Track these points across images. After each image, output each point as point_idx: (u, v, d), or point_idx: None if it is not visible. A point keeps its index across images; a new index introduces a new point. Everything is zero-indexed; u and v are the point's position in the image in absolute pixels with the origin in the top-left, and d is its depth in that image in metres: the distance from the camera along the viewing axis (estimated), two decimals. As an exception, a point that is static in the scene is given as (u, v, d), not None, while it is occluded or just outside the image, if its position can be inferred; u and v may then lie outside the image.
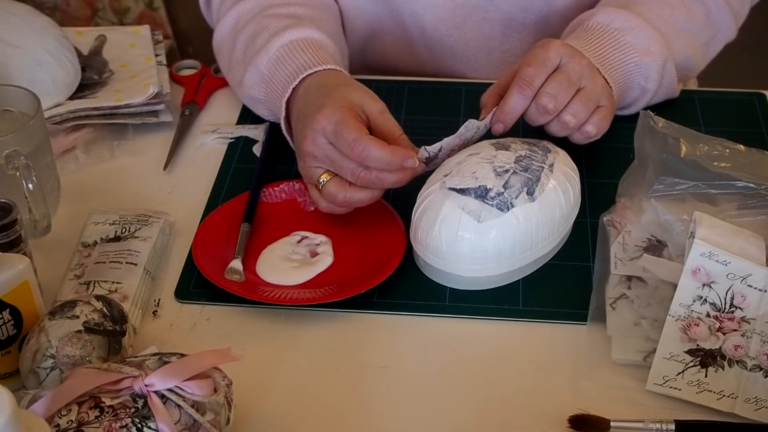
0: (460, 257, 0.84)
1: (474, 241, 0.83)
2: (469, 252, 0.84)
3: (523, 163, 0.85)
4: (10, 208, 0.80)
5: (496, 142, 0.89)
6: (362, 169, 0.85)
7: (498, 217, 0.83)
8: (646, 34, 0.98)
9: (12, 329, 0.77)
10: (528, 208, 0.83)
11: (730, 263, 0.74)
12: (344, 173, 0.86)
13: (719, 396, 0.76)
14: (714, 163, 0.85)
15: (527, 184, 0.84)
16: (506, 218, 0.83)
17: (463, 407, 0.78)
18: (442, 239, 0.84)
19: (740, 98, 1.10)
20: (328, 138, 0.86)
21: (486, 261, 0.84)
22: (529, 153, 0.87)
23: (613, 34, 0.97)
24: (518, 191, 0.83)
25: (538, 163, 0.86)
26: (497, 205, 0.83)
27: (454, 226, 0.83)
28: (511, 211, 0.83)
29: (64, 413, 0.67)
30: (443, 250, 0.84)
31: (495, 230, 0.83)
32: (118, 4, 1.77)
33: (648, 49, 0.98)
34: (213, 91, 1.15)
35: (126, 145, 1.06)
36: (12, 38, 1.05)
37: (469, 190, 0.83)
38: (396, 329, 0.85)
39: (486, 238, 0.83)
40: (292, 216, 0.96)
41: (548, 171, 0.86)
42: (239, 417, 0.75)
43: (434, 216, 0.84)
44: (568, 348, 0.82)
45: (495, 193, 0.83)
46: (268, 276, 0.89)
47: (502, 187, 0.83)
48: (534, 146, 0.88)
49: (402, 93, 1.10)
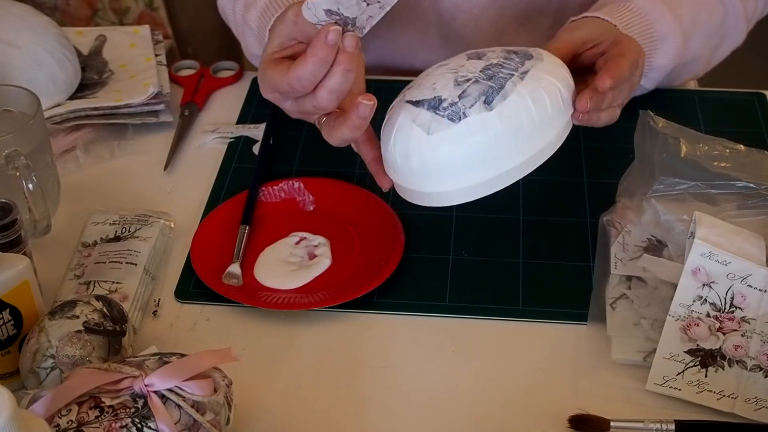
0: (414, 171, 0.81)
1: (425, 155, 0.79)
2: (421, 165, 0.80)
3: (490, 71, 0.80)
4: (10, 208, 0.80)
5: (474, 51, 0.84)
6: (313, 95, 0.81)
7: (449, 127, 0.77)
8: (672, 40, 0.98)
9: (12, 329, 0.77)
10: (484, 118, 0.77)
11: (730, 263, 0.74)
12: (310, 110, 0.84)
13: (719, 396, 0.76)
14: (714, 163, 0.85)
15: (486, 92, 0.78)
16: (457, 129, 0.77)
17: (462, 407, 0.78)
18: (396, 153, 0.81)
19: (740, 98, 1.10)
20: (280, 98, 0.85)
21: (441, 175, 0.80)
22: (502, 61, 0.81)
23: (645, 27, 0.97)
24: (474, 100, 0.78)
25: (508, 71, 0.80)
26: (448, 116, 0.78)
27: (405, 140, 0.80)
28: (463, 121, 0.77)
29: (64, 413, 0.67)
30: (398, 165, 0.81)
31: (446, 142, 0.78)
32: (118, 4, 1.77)
33: (666, 52, 0.99)
34: (212, 91, 1.15)
35: (126, 145, 1.06)
36: (12, 38, 1.05)
37: (424, 101, 0.79)
38: (396, 329, 0.85)
39: (437, 150, 0.78)
40: (291, 216, 0.96)
41: (518, 78, 0.79)
42: (239, 417, 0.75)
43: (390, 130, 0.81)
44: (568, 348, 0.82)
45: (448, 104, 0.78)
46: (266, 280, 0.89)
47: (457, 97, 0.78)
48: (513, 54, 0.82)
49: (402, 93, 1.10)
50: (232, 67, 1.18)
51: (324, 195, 0.97)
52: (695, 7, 1.01)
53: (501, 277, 0.89)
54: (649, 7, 0.98)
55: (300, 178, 0.98)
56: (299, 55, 0.83)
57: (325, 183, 0.98)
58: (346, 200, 0.96)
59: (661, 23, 0.98)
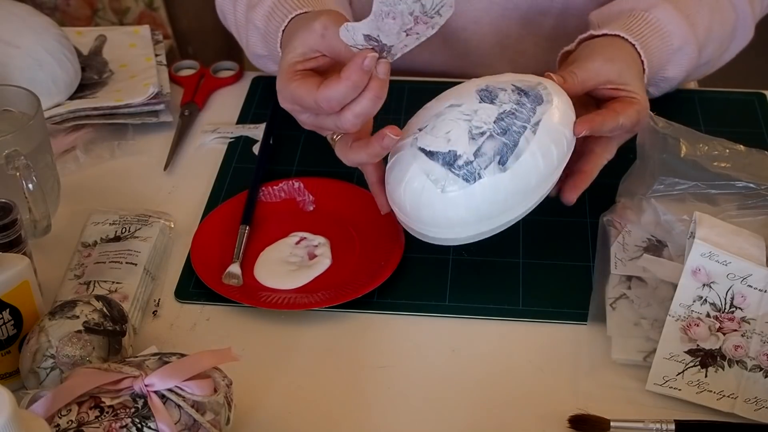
0: (423, 220, 0.82)
1: (437, 209, 0.80)
2: (432, 218, 0.81)
3: (504, 123, 0.80)
4: (10, 208, 0.80)
5: (485, 87, 0.83)
6: (337, 116, 0.81)
7: (463, 188, 0.79)
8: (689, 48, 0.98)
9: (12, 329, 0.77)
10: (497, 180, 0.79)
11: (730, 263, 0.74)
12: (329, 128, 0.84)
13: (719, 396, 0.76)
14: (714, 163, 0.85)
15: (501, 151, 0.79)
16: (472, 190, 0.79)
17: (462, 407, 0.78)
18: (406, 200, 0.81)
19: (740, 98, 1.10)
20: (299, 110, 0.85)
21: (450, 226, 0.82)
22: (515, 108, 0.81)
23: (664, 38, 0.96)
24: (489, 160, 0.79)
25: (521, 122, 0.81)
26: (464, 176, 0.79)
27: (417, 192, 0.80)
28: (478, 182, 0.79)
29: (64, 413, 0.67)
30: (407, 210, 0.82)
31: (459, 201, 0.80)
32: (118, 4, 1.77)
33: (679, 63, 0.99)
34: (212, 91, 1.15)
35: (126, 145, 1.06)
36: (12, 38, 1.05)
37: (438, 154, 0.80)
38: (396, 329, 0.85)
39: (449, 207, 0.80)
40: (291, 216, 0.96)
41: (530, 133, 0.80)
42: (239, 417, 0.75)
43: (400, 175, 0.81)
44: (568, 348, 0.82)
45: (464, 162, 0.79)
46: (265, 280, 0.89)
47: (472, 154, 0.79)
48: (525, 96, 0.83)
49: (402, 93, 1.10)
50: (232, 67, 1.18)
51: (324, 195, 0.97)
52: (710, 14, 1.00)
53: (501, 277, 0.89)
54: (666, 18, 0.97)
55: (300, 178, 0.98)
56: (323, 68, 0.83)
57: (325, 183, 0.98)
58: (347, 200, 0.96)
59: (678, 35, 0.97)
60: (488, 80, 0.85)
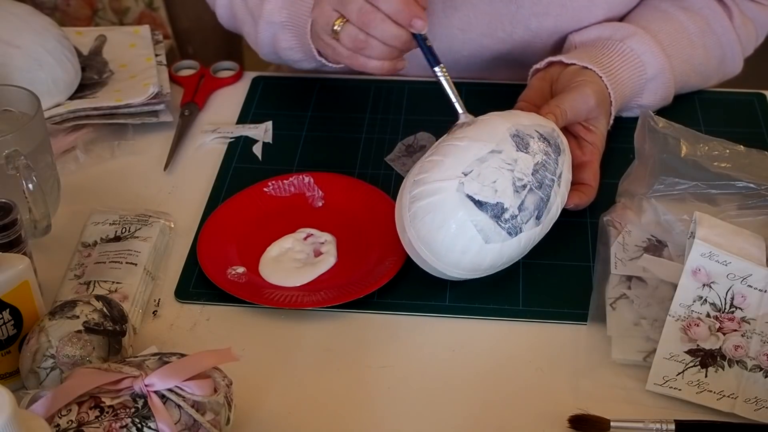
0: (454, 263, 0.83)
1: (469, 256, 0.83)
2: (458, 261, 0.83)
3: (539, 175, 0.84)
4: (10, 208, 0.80)
5: (516, 133, 0.85)
6: (369, 6, 0.85)
7: (504, 240, 0.82)
8: (663, 77, 1.01)
9: (12, 329, 0.77)
10: (531, 234, 0.84)
11: (730, 263, 0.74)
12: (351, 11, 0.87)
13: (719, 396, 0.76)
14: (714, 163, 0.85)
15: (539, 206, 0.84)
16: (510, 242, 0.83)
17: (463, 407, 0.78)
18: (442, 244, 0.82)
19: (740, 98, 1.10)
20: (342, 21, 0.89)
21: (471, 270, 0.84)
22: (544, 159, 0.85)
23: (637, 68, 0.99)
24: (530, 215, 0.83)
25: (551, 174, 0.85)
26: (508, 230, 0.82)
27: (459, 239, 0.82)
28: (517, 236, 0.83)
29: (64, 413, 0.67)
30: (437, 250, 0.83)
31: (495, 251, 0.83)
32: (118, 4, 1.77)
33: (654, 92, 1.01)
34: (212, 91, 1.15)
35: (126, 145, 1.06)
36: (12, 38, 1.05)
37: (488, 205, 0.82)
38: (396, 329, 0.85)
39: (484, 256, 0.83)
40: (299, 211, 0.95)
41: (557, 186, 0.85)
42: (239, 417, 0.75)
43: (442, 219, 0.82)
44: (568, 348, 0.82)
45: (510, 216, 0.82)
46: (270, 276, 0.89)
47: (517, 208, 0.82)
48: (549, 145, 0.86)
49: (402, 93, 1.10)
50: (232, 67, 1.18)
51: (333, 191, 0.97)
52: (691, 48, 1.02)
53: (501, 277, 0.88)
54: (641, 48, 0.99)
55: (310, 172, 0.98)
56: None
57: (335, 178, 0.98)
58: (355, 197, 0.96)
59: (652, 65, 1.00)
60: (513, 121, 0.86)
